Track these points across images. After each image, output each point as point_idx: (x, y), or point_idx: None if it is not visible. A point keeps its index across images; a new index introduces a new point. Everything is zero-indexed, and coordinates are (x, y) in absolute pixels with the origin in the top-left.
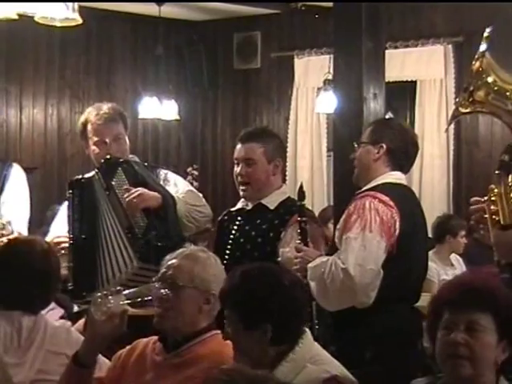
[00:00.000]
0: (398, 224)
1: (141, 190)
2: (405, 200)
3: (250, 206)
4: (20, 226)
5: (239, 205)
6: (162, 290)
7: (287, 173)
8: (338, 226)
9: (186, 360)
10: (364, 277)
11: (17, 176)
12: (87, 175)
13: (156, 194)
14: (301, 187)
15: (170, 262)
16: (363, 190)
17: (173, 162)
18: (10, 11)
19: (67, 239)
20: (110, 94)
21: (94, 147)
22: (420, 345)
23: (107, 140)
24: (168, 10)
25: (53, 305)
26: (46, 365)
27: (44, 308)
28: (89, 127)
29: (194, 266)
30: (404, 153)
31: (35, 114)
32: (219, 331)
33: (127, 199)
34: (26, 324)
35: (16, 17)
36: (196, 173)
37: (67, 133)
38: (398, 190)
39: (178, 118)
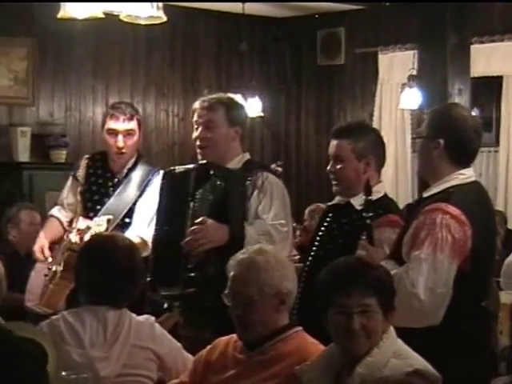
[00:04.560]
0: (469, 241)
1: (209, 226)
2: (477, 208)
3: (342, 203)
4: (139, 231)
5: (335, 200)
6: (237, 309)
7: None
8: (405, 239)
9: (269, 358)
10: (434, 301)
11: (158, 184)
12: (182, 168)
13: (225, 230)
14: (367, 182)
15: (232, 274)
16: (432, 194)
17: (257, 159)
18: (96, 10)
19: None
20: (194, 91)
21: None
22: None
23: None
24: (252, 7)
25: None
26: (132, 359)
27: (129, 303)
28: None
29: (258, 276)
30: (465, 148)
31: None
32: (301, 328)
33: (191, 236)
34: (111, 319)
35: (102, 16)
36: (280, 169)
37: (152, 129)
38: (469, 196)
39: (261, 114)
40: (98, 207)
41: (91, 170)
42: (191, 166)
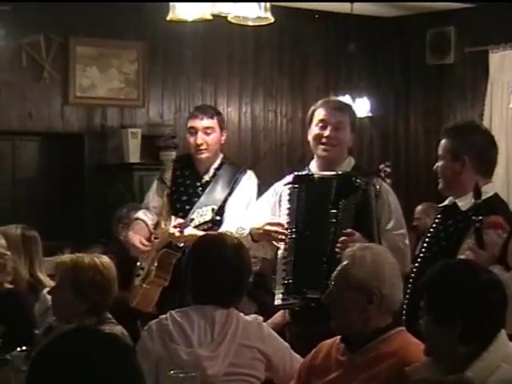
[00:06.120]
0: None
1: (358, 239)
2: None
3: (450, 205)
4: (229, 227)
5: (446, 201)
6: (328, 298)
7: None
8: (510, 245)
9: (371, 358)
10: None
11: (246, 182)
12: (319, 175)
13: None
14: (476, 184)
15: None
16: None
17: (365, 159)
18: (204, 12)
19: (280, 228)
20: (302, 92)
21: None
22: None
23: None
24: (360, 7)
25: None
26: (239, 358)
27: (237, 302)
28: None
29: (350, 268)
30: None
31: (230, 112)
32: (403, 328)
33: (342, 242)
34: (218, 318)
35: (210, 17)
36: (389, 170)
37: (260, 130)
38: None
39: (370, 114)
40: (187, 207)
41: (178, 172)
42: (329, 173)
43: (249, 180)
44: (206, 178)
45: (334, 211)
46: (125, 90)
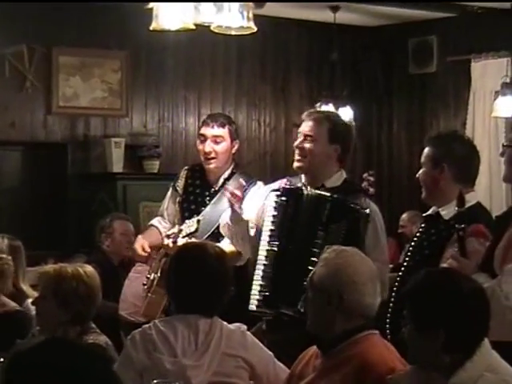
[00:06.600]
0: None
1: None
2: None
3: (433, 214)
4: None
5: (430, 210)
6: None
7: None
8: (496, 252)
9: (339, 361)
10: None
11: (255, 193)
12: (313, 192)
13: None
14: (460, 193)
15: None
16: None
17: (348, 168)
18: (187, 21)
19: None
20: (285, 101)
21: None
22: None
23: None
24: (343, 16)
25: None
26: (223, 367)
27: (220, 311)
28: None
29: (317, 268)
30: None
31: None
32: (375, 332)
33: None
34: (202, 327)
35: (193, 27)
36: (372, 178)
37: (244, 139)
38: None
39: (353, 123)
40: (195, 216)
41: (190, 181)
42: (324, 193)
43: (258, 191)
44: (215, 187)
45: (322, 233)
46: (108, 99)
